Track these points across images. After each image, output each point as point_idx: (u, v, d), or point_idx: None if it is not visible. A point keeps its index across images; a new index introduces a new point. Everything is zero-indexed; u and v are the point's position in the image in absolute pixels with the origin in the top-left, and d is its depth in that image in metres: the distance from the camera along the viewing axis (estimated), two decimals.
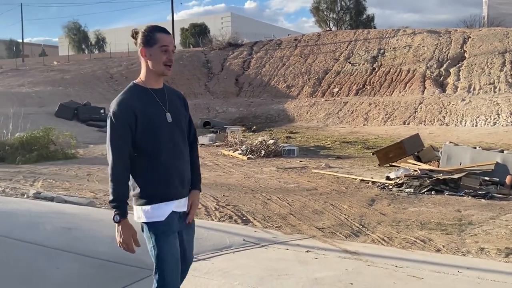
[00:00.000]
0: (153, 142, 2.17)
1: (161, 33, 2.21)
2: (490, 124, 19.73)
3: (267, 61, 33.42)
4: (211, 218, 6.27)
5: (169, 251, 2.18)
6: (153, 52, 2.18)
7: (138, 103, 2.15)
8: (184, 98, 2.40)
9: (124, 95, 2.18)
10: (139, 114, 2.13)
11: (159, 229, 2.17)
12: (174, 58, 2.26)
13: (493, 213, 6.50)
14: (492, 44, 26.92)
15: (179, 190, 2.24)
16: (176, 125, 2.23)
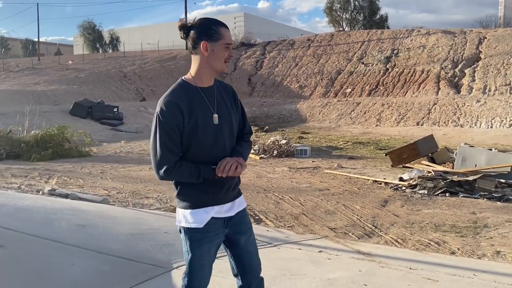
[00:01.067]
0: (195, 146, 2.05)
1: (224, 28, 2.08)
2: (506, 126, 19.43)
3: (280, 61, 33.38)
4: None
5: (200, 259, 2.14)
6: (216, 48, 2.05)
7: (185, 103, 2.03)
8: (233, 92, 2.27)
9: (172, 93, 2.07)
10: (186, 115, 2.02)
11: (194, 236, 2.11)
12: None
13: (509, 216, 6.39)
14: (508, 44, 26.51)
15: (222, 196, 2.13)
16: (223, 127, 2.10)
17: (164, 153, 2.02)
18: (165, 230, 4.54)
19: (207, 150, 2.07)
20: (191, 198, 2.10)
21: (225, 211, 2.16)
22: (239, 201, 2.22)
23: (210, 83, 2.13)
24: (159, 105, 2.04)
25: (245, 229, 2.24)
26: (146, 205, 6.97)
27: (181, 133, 2.03)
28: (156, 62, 34.20)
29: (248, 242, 2.25)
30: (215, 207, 2.11)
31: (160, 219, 5.34)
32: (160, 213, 6.10)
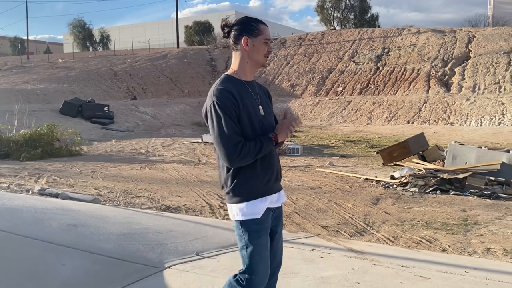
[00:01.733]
0: (251, 136, 2.09)
1: (263, 25, 2.20)
2: (495, 124, 19.63)
3: (271, 59, 33.37)
4: (215, 216, 6.26)
5: (261, 251, 2.13)
6: (257, 43, 2.16)
7: (237, 92, 2.10)
8: (268, 92, 2.38)
9: (223, 85, 2.12)
10: (241, 105, 2.08)
11: (252, 228, 2.11)
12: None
13: (499, 213, 6.46)
14: (497, 43, 26.78)
15: (273, 185, 2.18)
16: (267, 118, 2.20)
17: (232, 136, 2.04)
18: (157, 230, 4.51)
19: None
20: (248, 188, 2.11)
21: (275, 201, 2.22)
22: (282, 193, 2.30)
23: (251, 78, 2.24)
24: (212, 95, 2.09)
25: (281, 223, 2.33)
26: (138, 204, 6.92)
27: (238, 119, 2.08)
28: (147, 61, 34.01)
29: (280, 237, 2.31)
30: (268, 197, 2.16)
31: (151, 219, 5.30)
32: (151, 212, 6.07)
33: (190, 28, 52.81)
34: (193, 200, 7.23)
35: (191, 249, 3.93)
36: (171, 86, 31.01)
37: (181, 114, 25.76)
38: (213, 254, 3.84)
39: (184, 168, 10.79)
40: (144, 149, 14.51)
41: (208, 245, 4.13)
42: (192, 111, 26.54)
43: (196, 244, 4.10)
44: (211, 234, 4.57)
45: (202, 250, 3.91)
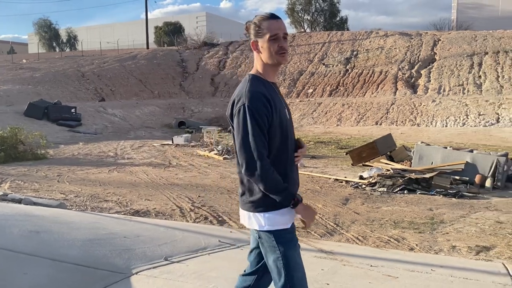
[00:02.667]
0: (281, 140, 1.99)
1: (267, 21, 2.02)
2: (460, 125, 20.27)
3: (243, 61, 33.37)
4: (186, 220, 6.18)
5: (299, 261, 2.02)
6: (264, 44, 2.01)
7: (270, 95, 1.98)
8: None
9: (255, 86, 1.99)
10: (273, 107, 1.96)
11: (286, 237, 1.99)
12: (286, 45, 2.05)
13: (464, 212, 6.65)
14: (461, 47, 27.68)
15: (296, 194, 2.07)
16: (291, 123, 2.09)
17: (259, 146, 1.91)
18: (125, 235, 4.41)
19: (289, 145, 2.03)
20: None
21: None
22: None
23: (274, 80, 2.12)
24: (244, 96, 1.95)
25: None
26: (105, 208, 6.76)
27: (269, 125, 1.95)
28: (116, 62, 33.36)
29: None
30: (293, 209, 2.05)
31: (119, 223, 5.18)
32: (119, 217, 5.93)
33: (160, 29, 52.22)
34: (163, 203, 7.12)
35: (160, 254, 3.85)
36: (140, 87, 30.52)
37: (151, 116, 25.38)
38: (183, 259, 3.78)
39: (154, 171, 10.62)
40: (112, 152, 14.21)
41: (177, 249, 4.06)
42: (162, 112, 26.20)
43: (165, 249, 4.02)
44: (180, 238, 4.50)
45: (171, 255, 3.84)
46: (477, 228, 5.79)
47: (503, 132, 18.16)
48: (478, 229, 5.72)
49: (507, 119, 19.93)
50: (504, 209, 6.79)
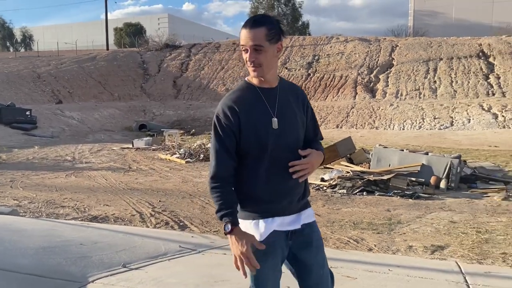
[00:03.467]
0: (253, 152, 1.89)
1: (242, 29, 1.90)
2: (416, 128, 21.00)
3: (206, 63, 33.20)
4: (146, 225, 6.06)
5: (265, 275, 1.93)
6: (241, 53, 1.93)
7: (243, 106, 1.89)
8: (303, 94, 2.06)
9: (232, 95, 1.94)
10: (243, 118, 1.87)
11: (258, 250, 1.86)
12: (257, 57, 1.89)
13: (420, 212, 6.88)
14: (417, 52, 28.72)
15: (283, 206, 1.94)
16: (284, 133, 1.91)
17: (216, 162, 1.89)
18: (81, 242, 4.26)
19: (264, 156, 1.89)
20: (253, 206, 1.92)
21: (288, 223, 1.96)
22: (307, 213, 2.02)
23: (270, 85, 1.97)
24: (217, 108, 1.93)
25: (311, 244, 2.01)
26: (62, 215, 6.52)
27: (237, 138, 1.88)
28: (74, 63, 32.37)
29: (317, 258, 2.03)
30: (277, 218, 1.92)
31: (76, 230, 5.01)
32: (76, 223, 5.74)
33: (120, 30, 51.17)
34: (122, 209, 6.95)
35: (118, 260, 3.75)
36: (100, 90, 29.75)
37: (110, 119, 24.77)
38: (142, 265, 3.70)
39: (113, 175, 10.36)
40: (70, 156, 13.75)
41: (136, 256, 3.97)
42: (122, 115, 25.64)
43: (123, 256, 3.93)
44: (140, 244, 4.40)
45: (130, 262, 3.75)
46: (432, 228, 6.00)
47: (457, 135, 18.97)
48: (433, 229, 5.93)
49: (460, 122, 20.83)
50: (457, 209, 7.08)
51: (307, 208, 2.03)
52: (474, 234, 5.66)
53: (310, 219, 2.03)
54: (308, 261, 2.01)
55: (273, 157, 1.90)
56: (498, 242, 5.32)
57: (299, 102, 2.02)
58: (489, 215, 6.67)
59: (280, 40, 1.93)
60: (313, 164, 1.96)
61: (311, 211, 2.05)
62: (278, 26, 1.93)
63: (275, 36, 1.90)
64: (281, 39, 1.93)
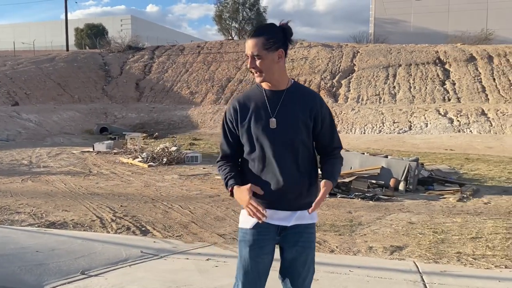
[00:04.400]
0: (248, 146, 2.10)
1: (246, 40, 2.11)
2: (376, 132, 21.59)
3: (169, 66, 32.82)
4: (106, 231, 5.91)
5: (247, 262, 2.07)
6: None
7: (244, 105, 2.12)
8: (313, 102, 2.14)
9: (240, 95, 2.21)
10: (241, 115, 2.10)
11: (243, 237, 2.09)
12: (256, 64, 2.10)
13: (380, 214, 7.06)
14: (377, 59, 29.55)
15: (275, 200, 2.06)
16: (280, 132, 2.06)
17: (222, 145, 2.23)
18: (37, 249, 4.11)
19: (258, 152, 2.08)
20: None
21: (280, 218, 2.09)
22: (303, 214, 2.10)
23: (277, 88, 2.13)
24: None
25: (299, 243, 2.14)
26: (17, 221, 6.26)
27: (237, 131, 2.14)
28: (32, 64, 31.20)
29: (301, 258, 2.16)
30: (268, 210, 2.03)
31: (32, 237, 4.82)
32: (32, 229, 5.52)
33: (81, 31, 49.80)
34: (82, 214, 6.75)
35: (77, 267, 3.65)
36: (59, 91, 28.81)
37: (70, 122, 24.03)
38: (101, 272, 3.60)
39: (73, 180, 10.05)
40: (26, 160, 13.23)
41: (96, 262, 3.87)
42: (83, 118, 24.93)
43: (82, 262, 3.81)
44: (100, 250, 4.29)
45: (89, 268, 3.65)
46: (392, 229, 6.18)
47: (415, 139, 19.63)
48: (393, 230, 6.11)
49: (418, 126, 21.58)
50: (415, 211, 7.32)
51: (304, 210, 2.11)
52: (431, 234, 5.87)
53: (304, 221, 2.13)
54: (291, 258, 2.16)
55: (270, 153, 2.07)
56: (453, 242, 5.54)
57: (306, 108, 2.12)
58: (445, 216, 6.94)
59: (281, 48, 2.09)
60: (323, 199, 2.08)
61: (310, 214, 2.10)
62: (281, 34, 2.10)
63: (274, 45, 2.07)
64: (282, 47, 2.10)
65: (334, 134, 2.22)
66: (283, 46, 2.10)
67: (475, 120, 21.30)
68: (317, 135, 2.15)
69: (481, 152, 15.91)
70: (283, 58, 2.11)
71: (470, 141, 18.51)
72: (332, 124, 2.21)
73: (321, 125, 2.15)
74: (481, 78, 26.14)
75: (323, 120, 2.15)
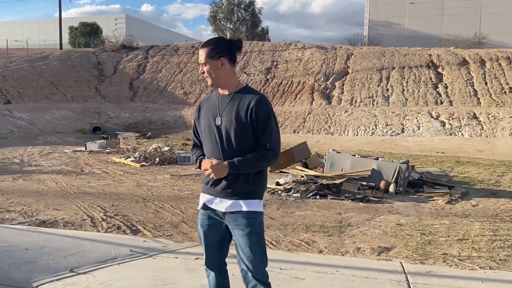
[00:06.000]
0: (201, 139, 2.63)
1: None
2: (369, 134, 21.71)
3: (163, 66, 32.79)
4: (97, 230, 5.93)
5: (201, 237, 2.65)
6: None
7: (203, 105, 2.65)
8: (254, 104, 2.46)
9: (205, 97, 2.70)
10: (201, 113, 2.63)
11: (199, 216, 2.68)
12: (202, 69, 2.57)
13: (369, 215, 7.13)
14: (371, 61, 29.71)
15: (209, 187, 2.57)
16: (223, 129, 2.48)
17: (192, 136, 2.76)
18: (26, 247, 4.13)
19: (206, 145, 2.58)
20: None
21: (216, 203, 2.55)
22: (235, 203, 2.49)
23: (225, 92, 2.56)
24: None
25: (236, 227, 2.52)
26: (7, 219, 6.26)
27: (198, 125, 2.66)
28: (25, 62, 31.03)
29: (241, 239, 2.52)
30: (205, 194, 2.61)
31: (21, 235, 4.83)
32: (22, 228, 5.53)
33: (75, 29, 49.57)
34: (72, 213, 6.76)
35: (65, 265, 3.67)
36: (52, 90, 28.68)
37: (63, 120, 23.93)
38: (90, 270, 3.63)
39: (64, 179, 10.03)
40: (18, 159, 13.18)
41: (85, 260, 3.89)
42: (75, 117, 24.83)
43: (71, 260, 3.84)
44: (89, 248, 4.31)
45: (78, 266, 3.67)
46: (380, 230, 6.25)
47: (407, 141, 19.78)
48: (381, 231, 6.18)
49: (410, 129, 21.74)
50: (404, 213, 7.40)
51: (234, 200, 2.50)
52: (418, 236, 5.94)
53: (238, 208, 2.50)
54: (235, 239, 2.57)
55: (209, 146, 2.55)
56: (440, 243, 5.61)
57: (248, 109, 2.47)
58: (433, 218, 7.02)
59: (223, 57, 2.49)
60: (213, 173, 2.49)
61: (244, 203, 2.49)
62: (226, 46, 2.52)
63: (217, 54, 2.49)
64: (224, 56, 2.49)
65: (265, 134, 2.48)
66: (227, 55, 2.49)
67: (466, 124, 21.50)
68: (254, 132, 2.47)
69: (472, 155, 16.07)
70: (225, 65, 2.49)
71: (462, 144, 18.69)
72: (268, 126, 2.48)
73: (258, 126, 2.46)
74: (473, 81, 26.39)
75: (261, 122, 2.46)
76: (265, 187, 2.66)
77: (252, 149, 2.46)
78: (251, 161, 2.46)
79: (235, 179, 2.48)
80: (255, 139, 2.47)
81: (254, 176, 2.51)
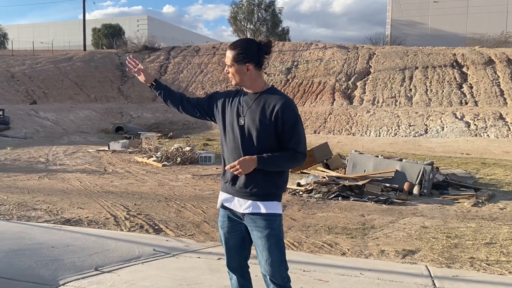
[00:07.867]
0: (221, 136, 2.59)
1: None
2: (392, 135, 21.40)
3: (185, 67, 33.07)
4: (120, 228, 5.99)
5: (222, 235, 2.59)
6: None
7: (224, 100, 2.57)
8: (278, 107, 2.41)
9: (228, 89, 2.66)
10: (215, 104, 2.61)
11: (219, 214, 2.61)
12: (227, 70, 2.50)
13: (393, 218, 7.01)
14: (394, 61, 29.31)
15: (227, 186, 2.53)
16: (245, 129, 2.43)
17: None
18: (52, 244, 4.20)
19: (228, 141, 2.51)
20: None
21: (234, 204, 2.50)
22: (254, 204, 2.43)
23: (251, 91, 2.49)
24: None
25: (255, 229, 2.46)
26: (34, 217, 6.39)
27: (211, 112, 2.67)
28: (50, 63, 31.76)
29: (259, 242, 2.47)
30: (223, 193, 2.58)
31: (47, 233, 4.92)
32: (48, 226, 5.63)
33: (98, 31, 50.46)
34: (96, 212, 6.86)
35: (90, 263, 3.71)
36: (76, 91, 29.26)
37: (86, 121, 24.38)
38: (114, 268, 3.67)
39: (88, 178, 10.20)
40: (43, 158, 13.47)
41: (109, 259, 3.93)
42: (99, 117, 25.26)
43: (96, 259, 3.88)
44: (113, 247, 4.36)
45: (103, 265, 3.71)
46: (405, 233, 6.13)
47: (431, 142, 19.41)
48: (405, 234, 6.06)
49: (434, 130, 21.34)
50: (429, 215, 7.24)
51: (253, 201, 2.44)
52: (444, 239, 5.81)
53: (256, 210, 2.44)
54: (254, 241, 2.51)
55: (230, 144, 2.50)
56: (467, 247, 5.47)
57: (273, 111, 2.41)
58: (459, 221, 6.85)
59: (249, 63, 2.42)
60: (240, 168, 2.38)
61: (262, 204, 2.43)
62: (254, 50, 2.43)
63: (243, 59, 2.42)
64: (251, 62, 2.42)
65: (294, 138, 2.43)
66: (253, 60, 2.42)
67: (492, 124, 20.98)
68: (279, 134, 2.42)
69: (498, 156, 15.66)
70: (251, 70, 2.43)
71: (487, 146, 18.23)
72: (295, 129, 2.43)
73: (283, 129, 2.41)
74: (500, 81, 25.73)
75: (287, 124, 2.41)
76: (284, 190, 2.56)
77: (272, 150, 2.40)
78: (280, 159, 2.39)
79: (254, 178, 2.41)
80: (277, 141, 2.42)
81: (274, 177, 2.45)
